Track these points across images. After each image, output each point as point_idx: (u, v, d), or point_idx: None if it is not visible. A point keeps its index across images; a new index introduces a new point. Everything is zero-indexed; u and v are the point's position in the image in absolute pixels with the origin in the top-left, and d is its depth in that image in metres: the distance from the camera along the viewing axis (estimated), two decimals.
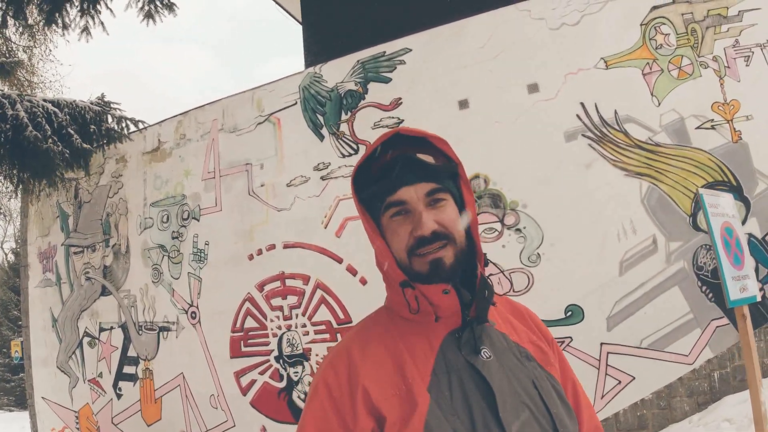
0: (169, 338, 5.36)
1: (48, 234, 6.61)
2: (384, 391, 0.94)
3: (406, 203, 0.99)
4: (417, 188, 0.99)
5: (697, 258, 3.79)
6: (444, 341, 0.99)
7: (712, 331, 3.69)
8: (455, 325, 0.99)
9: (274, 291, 4.84)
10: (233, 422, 4.90)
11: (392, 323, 1.04)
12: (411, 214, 0.99)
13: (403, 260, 1.00)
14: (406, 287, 1.00)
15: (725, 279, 2.35)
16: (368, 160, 1.04)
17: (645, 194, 3.88)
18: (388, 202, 1.00)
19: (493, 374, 0.94)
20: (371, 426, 0.92)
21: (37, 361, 6.59)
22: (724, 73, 3.90)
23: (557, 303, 3.94)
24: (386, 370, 0.96)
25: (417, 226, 0.97)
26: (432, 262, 0.97)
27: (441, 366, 0.96)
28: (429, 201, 0.99)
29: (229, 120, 5.30)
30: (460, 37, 4.43)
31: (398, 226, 1.00)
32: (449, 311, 0.98)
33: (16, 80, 9.67)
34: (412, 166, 1.00)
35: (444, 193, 1.01)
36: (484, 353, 0.97)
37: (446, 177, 1.04)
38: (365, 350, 1.00)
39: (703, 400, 3.72)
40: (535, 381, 0.98)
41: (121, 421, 5.65)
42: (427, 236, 0.97)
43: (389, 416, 0.91)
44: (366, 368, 0.97)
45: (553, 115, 4.09)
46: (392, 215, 1.00)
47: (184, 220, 5.39)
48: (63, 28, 5.46)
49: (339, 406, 0.95)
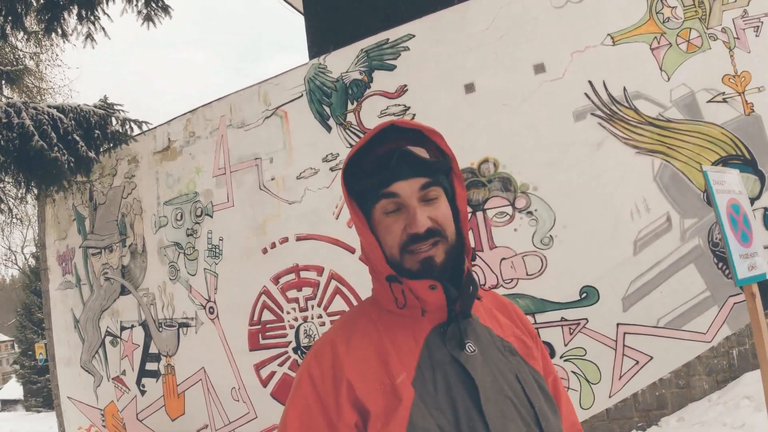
0: (188, 334, 5.44)
1: (66, 237, 6.72)
2: (368, 385, 0.94)
3: (399, 197, 0.97)
4: (411, 183, 0.97)
5: (713, 234, 3.74)
6: (429, 336, 0.99)
7: (730, 308, 3.65)
8: (441, 319, 0.99)
9: (290, 283, 4.88)
10: (255, 414, 4.97)
11: (378, 316, 1.04)
12: (404, 210, 0.98)
13: (393, 256, 0.99)
14: (393, 282, 1.00)
15: (732, 257, 2.30)
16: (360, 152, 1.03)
17: (657, 171, 3.83)
18: (381, 195, 0.99)
19: (477, 369, 0.95)
20: (355, 419, 0.92)
21: (61, 362, 6.73)
22: (733, 45, 3.82)
23: (572, 285, 3.92)
24: (370, 364, 0.97)
25: (411, 222, 0.96)
26: (423, 260, 0.96)
27: (426, 360, 0.96)
28: (422, 196, 0.98)
29: (236, 115, 5.32)
30: (464, 20, 4.39)
31: (392, 222, 0.99)
32: (435, 306, 0.98)
33: (24, 87, 9.77)
34: (407, 159, 0.98)
35: (437, 188, 0.99)
36: (469, 347, 0.97)
37: (441, 172, 1.02)
38: (350, 343, 1.00)
39: (722, 378, 3.69)
40: (519, 375, 0.98)
41: (145, 417, 5.76)
42: (421, 234, 0.96)
43: (373, 410, 0.92)
44: (350, 361, 0.97)
45: (561, 94, 4.04)
46: (385, 210, 1.00)
47: (198, 216, 5.44)
48: (63, 36, 5.51)
49: (323, 399, 0.95)
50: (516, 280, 4.03)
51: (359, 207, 1.04)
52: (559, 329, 3.91)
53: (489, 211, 4.13)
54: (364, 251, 1.07)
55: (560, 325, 3.92)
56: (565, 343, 3.87)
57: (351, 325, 1.06)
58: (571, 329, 3.87)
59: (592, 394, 3.79)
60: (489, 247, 4.10)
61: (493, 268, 4.08)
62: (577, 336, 3.86)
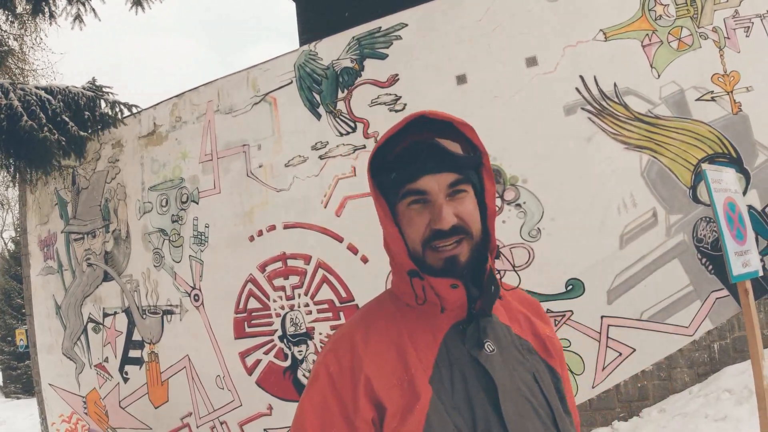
0: (173, 321, 5.39)
1: (47, 222, 6.60)
2: (386, 381, 0.93)
3: (427, 193, 0.95)
4: (439, 178, 0.95)
5: (697, 230, 3.79)
6: (448, 333, 0.98)
7: (712, 303, 3.71)
8: (460, 317, 0.98)
9: (276, 271, 4.85)
10: (240, 402, 4.95)
11: (397, 310, 1.03)
12: (430, 205, 0.96)
13: (416, 251, 0.97)
14: (414, 277, 0.98)
15: (728, 255, 2.35)
16: (388, 143, 1.00)
17: (645, 167, 3.87)
18: (408, 189, 0.97)
19: (496, 368, 0.94)
20: (372, 415, 0.92)
21: (42, 349, 6.64)
22: (724, 44, 3.86)
23: (558, 277, 3.95)
24: (389, 360, 0.96)
25: (436, 218, 0.94)
26: (447, 259, 0.95)
27: (444, 358, 0.95)
28: (450, 192, 0.96)
29: (224, 101, 5.25)
30: (457, 10, 4.36)
31: (416, 215, 0.97)
32: (455, 304, 0.97)
33: (7, 69, 9.55)
34: (436, 153, 0.95)
35: (466, 184, 0.97)
36: (488, 347, 0.97)
37: (469, 167, 1.00)
38: (369, 338, 0.99)
39: (703, 371, 3.77)
40: (536, 374, 0.98)
41: (128, 405, 5.71)
42: (446, 230, 0.94)
43: (390, 407, 0.91)
44: (369, 357, 0.96)
45: (553, 88, 4.04)
46: (410, 203, 0.98)
47: (183, 203, 5.37)
48: (50, 17, 5.39)
49: (340, 393, 0.94)
50: (504, 272, 4.05)
51: (384, 197, 1.03)
52: None
53: None
54: (386, 243, 1.05)
55: None
56: None
57: (369, 320, 1.05)
58: (557, 321, 3.91)
59: (576, 384, 3.85)
60: None
61: None
62: (562, 328, 3.90)
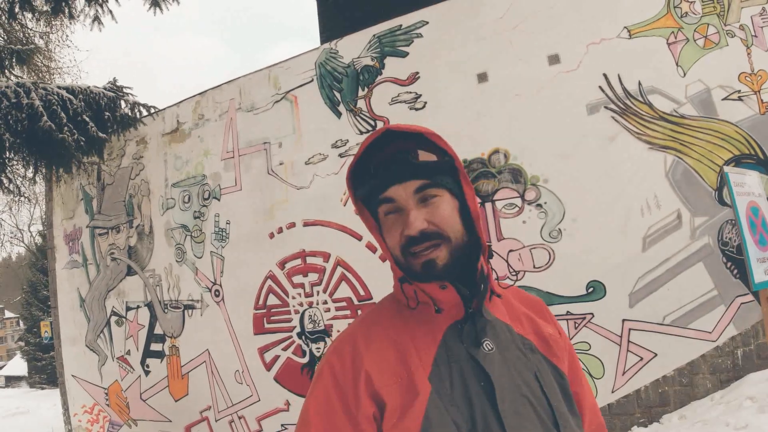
0: (194, 316, 5.47)
1: (73, 216, 6.75)
2: (386, 377, 0.95)
3: (396, 201, 0.99)
4: (406, 186, 0.98)
5: (723, 233, 3.71)
6: (447, 332, 1.00)
7: (737, 308, 3.63)
8: (458, 316, 1.00)
9: (295, 268, 4.89)
10: (258, 397, 5.01)
11: (398, 312, 1.05)
12: (402, 213, 0.99)
13: (398, 257, 1.01)
14: (403, 282, 1.02)
15: (750, 261, 2.28)
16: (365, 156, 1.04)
17: (669, 168, 3.80)
18: (379, 199, 1.01)
19: (494, 367, 0.95)
20: (373, 411, 0.94)
21: (66, 341, 6.79)
22: (751, 42, 3.77)
23: (579, 279, 3.91)
24: (389, 358, 0.98)
25: (405, 225, 0.98)
26: (424, 263, 0.97)
27: (443, 356, 0.97)
28: (419, 198, 0.99)
29: (246, 99, 5.30)
30: (478, 7, 4.33)
31: (392, 224, 1.01)
32: (449, 304, 1.00)
33: (33, 66, 9.77)
34: (401, 163, 0.99)
35: (436, 188, 0.99)
36: (486, 345, 0.98)
37: (441, 172, 1.02)
38: (369, 338, 1.02)
39: (725, 378, 3.68)
40: (538, 373, 0.98)
41: (149, 397, 5.82)
42: (415, 236, 0.97)
43: (389, 403, 0.93)
44: (370, 355, 0.99)
45: (575, 87, 4.00)
46: (386, 213, 1.01)
47: (205, 199, 5.44)
48: (70, 17, 5.49)
49: (343, 390, 0.96)
50: (523, 273, 4.02)
51: (369, 210, 1.07)
52: (565, 323, 3.91)
53: (498, 203, 4.11)
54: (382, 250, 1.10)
55: (566, 319, 3.91)
56: (570, 337, 3.87)
57: (371, 321, 1.08)
58: (577, 323, 3.86)
59: (595, 388, 3.80)
60: (497, 239, 4.09)
61: (501, 259, 4.07)
62: (582, 330, 3.85)
